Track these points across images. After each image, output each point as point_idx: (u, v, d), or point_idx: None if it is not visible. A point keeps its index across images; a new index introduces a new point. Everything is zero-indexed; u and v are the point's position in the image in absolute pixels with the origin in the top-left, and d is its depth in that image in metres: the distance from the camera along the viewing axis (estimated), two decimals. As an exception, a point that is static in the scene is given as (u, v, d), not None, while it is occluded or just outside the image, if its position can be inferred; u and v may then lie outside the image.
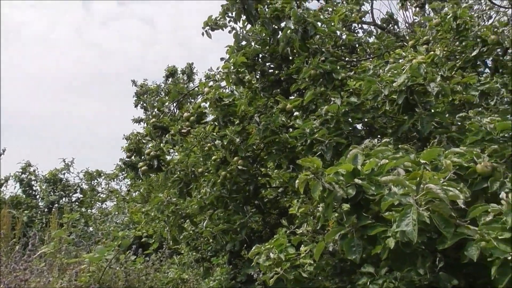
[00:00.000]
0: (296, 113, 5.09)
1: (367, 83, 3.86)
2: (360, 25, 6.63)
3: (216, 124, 5.11)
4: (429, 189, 2.03)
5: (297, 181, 2.64)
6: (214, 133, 5.12)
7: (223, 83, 5.30)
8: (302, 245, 3.58)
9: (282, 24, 5.04)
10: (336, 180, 2.61)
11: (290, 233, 3.86)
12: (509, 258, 1.78)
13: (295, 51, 4.92)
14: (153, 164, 5.51)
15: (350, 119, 4.20)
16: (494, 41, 4.15)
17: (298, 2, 5.28)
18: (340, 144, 4.01)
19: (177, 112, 6.23)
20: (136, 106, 13.28)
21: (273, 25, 5.06)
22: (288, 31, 4.72)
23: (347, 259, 2.96)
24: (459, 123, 3.64)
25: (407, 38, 6.34)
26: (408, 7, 7.17)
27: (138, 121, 12.92)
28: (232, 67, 4.95)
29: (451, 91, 4.03)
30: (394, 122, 4.16)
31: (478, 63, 4.50)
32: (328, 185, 2.53)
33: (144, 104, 12.69)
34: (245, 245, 5.24)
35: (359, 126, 4.69)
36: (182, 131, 5.34)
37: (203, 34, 5.85)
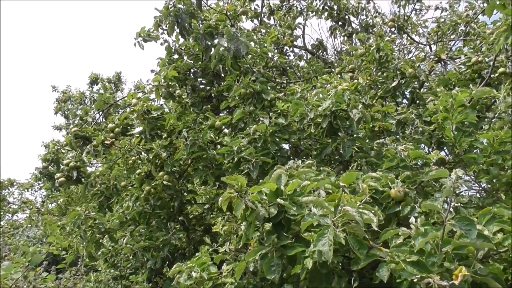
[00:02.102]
0: (225, 130, 5.10)
1: (294, 105, 3.97)
2: (291, 49, 6.84)
3: (143, 137, 4.96)
4: (346, 211, 2.11)
5: (220, 198, 2.63)
6: (140, 146, 4.96)
7: (153, 96, 5.18)
8: (225, 264, 3.55)
9: (216, 41, 5.07)
10: (259, 199, 2.64)
11: (213, 251, 3.83)
12: (415, 280, 1.89)
13: (227, 68, 4.95)
14: (72, 175, 5.19)
15: (277, 139, 4.29)
16: (411, 74, 4.48)
17: (232, 21, 5.35)
18: (266, 164, 4.07)
19: (101, 122, 5.98)
20: (56, 113, 12.48)
21: (206, 41, 5.07)
22: (221, 49, 4.75)
23: (268, 278, 2.98)
24: (378, 149, 3.85)
25: (335, 64, 6.65)
26: (338, 35, 7.54)
27: (58, 128, 12.15)
28: (162, 80, 4.86)
29: (371, 118, 4.27)
30: (318, 144, 4.31)
31: (397, 93, 4.83)
32: (251, 204, 2.54)
33: (66, 112, 11.99)
34: (167, 262, 5.09)
35: (286, 147, 4.80)
36: (106, 142, 5.11)
37: (135, 44, 5.71)
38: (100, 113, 6.07)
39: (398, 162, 3.30)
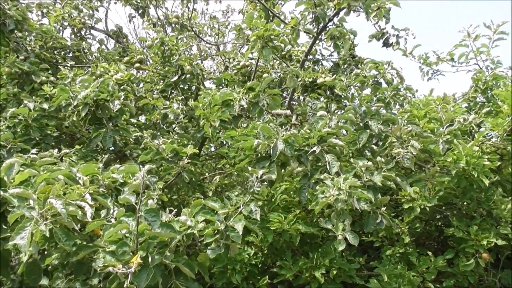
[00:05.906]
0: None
1: (60, 91, 3.78)
2: (89, 32, 6.49)
3: None
4: (51, 204, 2.09)
5: None
6: None
7: None
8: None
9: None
10: (-22, 191, 2.44)
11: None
12: (98, 270, 1.98)
13: (-6, 43, 4.45)
14: None
15: (43, 125, 4.03)
16: (189, 71, 4.69)
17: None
18: (26, 151, 3.79)
19: None
20: None
21: (-29, 10, 4.47)
22: (-14, 21, 4.25)
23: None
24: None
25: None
26: (141, 24, 7.45)
27: None
28: None
29: (150, 110, 4.35)
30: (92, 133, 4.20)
31: (179, 88, 4.98)
32: (-41, 196, 2.34)
33: None
34: None
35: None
36: None
37: None
38: None
39: (153, 156, 3.42)
